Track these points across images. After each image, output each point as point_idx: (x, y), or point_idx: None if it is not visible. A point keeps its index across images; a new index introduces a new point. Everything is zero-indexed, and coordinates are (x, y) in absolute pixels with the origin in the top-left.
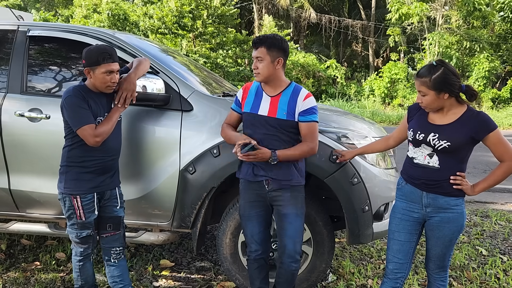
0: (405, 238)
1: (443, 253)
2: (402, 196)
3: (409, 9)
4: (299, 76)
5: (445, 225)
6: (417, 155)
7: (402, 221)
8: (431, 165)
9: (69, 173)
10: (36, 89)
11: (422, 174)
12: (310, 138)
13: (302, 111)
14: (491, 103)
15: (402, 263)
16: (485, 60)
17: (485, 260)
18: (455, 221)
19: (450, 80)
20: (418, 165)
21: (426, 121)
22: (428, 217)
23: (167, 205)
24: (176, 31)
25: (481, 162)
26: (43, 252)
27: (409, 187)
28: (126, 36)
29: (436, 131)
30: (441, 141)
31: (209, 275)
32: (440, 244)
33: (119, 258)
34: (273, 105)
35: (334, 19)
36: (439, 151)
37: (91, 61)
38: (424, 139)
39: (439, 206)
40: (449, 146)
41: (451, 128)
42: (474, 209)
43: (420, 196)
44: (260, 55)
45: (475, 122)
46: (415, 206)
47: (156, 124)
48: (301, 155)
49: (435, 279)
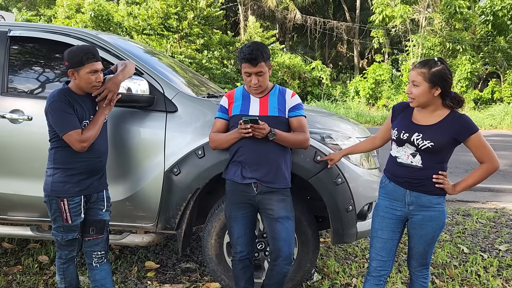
0: (388, 236)
1: (426, 251)
2: (385, 194)
3: (393, 11)
4: (285, 77)
5: (427, 223)
6: (400, 154)
7: (385, 219)
8: (414, 164)
9: (56, 175)
10: (18, 90)
11: (405, 172)
12: (302, 131)
13: (291, 107)
14: (473, 104)
15: (385, 260)
16: (467, 62)
17: (467, 257)
18: (437, 219)
19: (446, 77)
20: (401, 164)
21: (410, 121)
22: (410, 215)
23: (152, 206)
24: (162, 32)
25: (463, 162)
26: (25, 256)
27: (393, 185)
28: (110, 37)
29: (420, 131)
30: (424, 141)
31: (195, 276)
32: (423, 242)
33: (101, 262)
34: (263, 104)
35: (319, 21)
36: (422, 151)
37: (74, 62)
38: (408, 139)
39: (422, 204)
40: (432, 146)
41: (434, 129)
42: (456, 208)
43: (404, 194)
44: (262, 70)
45: (458, 124)
46: (398, 204)
47: (140, 125)
48: (295, 142)
49: (418, 276)
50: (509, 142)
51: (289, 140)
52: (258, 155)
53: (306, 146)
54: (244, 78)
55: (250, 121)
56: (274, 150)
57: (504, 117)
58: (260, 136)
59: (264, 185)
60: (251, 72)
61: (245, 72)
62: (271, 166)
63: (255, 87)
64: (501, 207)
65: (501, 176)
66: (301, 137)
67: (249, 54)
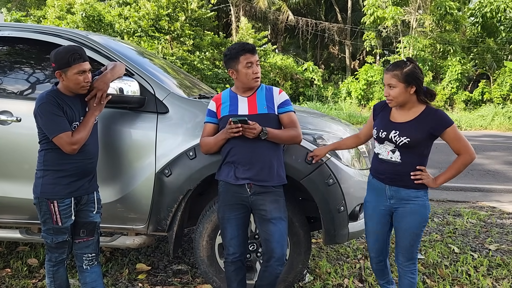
0: (378, 228)
1: (410, 244)
2: (370, 190)
3: (384, 12)
4: (277, 78)
5: (408, 216)
6: (381, 151)
7: (373, 213)
8: (393, 160)
9: (46, 177)
10: (7, 91)
11: (386, 168)
12: (294, 126)
13: (280, 103)
14: (463, 104)
15: (381, 249)
16: (457, 63)
17: (457, 257)
18: (418, 212)
19: (418, 75)
20: (382, 160)
21: (388, 120)
22: (393, 209)
23: (143, 208)
24: (153, 33)
25: None
26: (14, 259)
27: (375, 181)
28: (101, 37)
29: (397, 129)
30: (401, 137)
31: (186, 278)
32: (407, 236)
33: (91, 264)
34: (252, 103)
35: (311, 22)
36: (400, 147)
37: (61, 63)
38: (386, 136)
39: (401, 198)
40: (409, 142)
41: (410, 125)
42: (447, 208)
43: (384, 189)
44: (257, 59)
45: (433, 119)
46: (381, 199)
47: (131, 127)
48: (288, 138)
49: (405, 272)
50: (499, 142)
51: (281, 137)
52: (250, 154)
53: (299, 141)
54: (244, 71)
55: (239, 121)
56: (266, 148)
57: (493, 117)
58: (251, 136)
59: (257, 185)
60: (253, 61)
61: (247, 63)
62: (264, 164)
63: (257, 77)
64: (491, 207)
65: (491, 176)
66: (293, 132)
67: (247, 45)
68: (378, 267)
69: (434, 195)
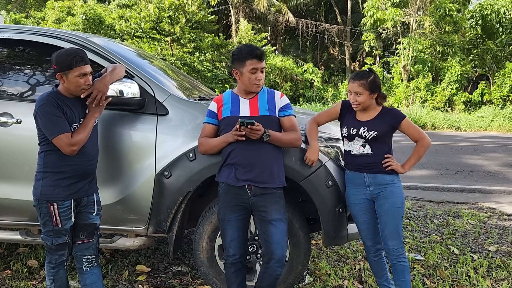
0: (366, 217)
1: (396, 225)
2: (349, 184)
3: (384, 14)
4: (277, 80)
5: (389, 197)
6: (352, 148)
7: (357, 205)
8: (365, 152)
9: (46, 179)
10: (7, 93)
11: (360, 160)
12: (294, 130)
13: (281, 107)
14: (463, 106)
15: (374, 237)
16: (457, 64)
17: (457, 258)
18: (395, 193)
19: (378, 84)
20: (355, 155)
21: (356, 119)
22: (374, 196)
23: (143, 209)
24: (153, 35)
25: (453, 164)
26: (14, 260)
27: (353, 174)
28: (101, 39)
29: (365, 126)
30: (369, 132)
31: (186, 279)
32: (391, 218)
33: (91, 266)
34: (253, 105)
35: (311, 23)
36: (370, 140)
37: (63, 66)
38: (357, 133)
39: (379, 183)
40: (377, 135)
41: (375, 122)
42: (447, 209)
43: (363, 178)
44: (264, 66)
45: (391, 114)
46: (361, 189)
47: (131, 128)
48: (289, 141)
49: (397, 257)
50: (499, 144)
51: (282, 140)
52: (251, 156)
53: (299, 145)
54: (248, 76)
55: (246, 123)
56: (267, 151)
57: (493, 119)
58: (255, 138)
59: (257, 186)
60: (259, 67)
61: (252, 68)
62: (264, 166)
63: (259, 84)
64: (491, 208)
65: (491, 177)
66: (294, 136)
67: (257, 50)
68: (375, 259)
69: (433, 196)
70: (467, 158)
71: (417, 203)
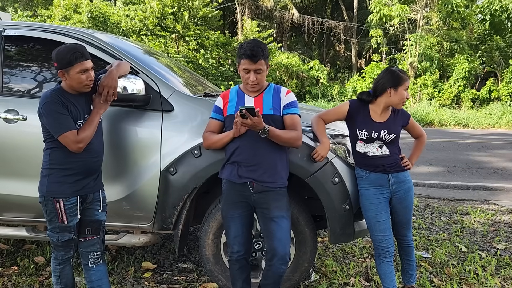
0: (385, 217)
1: (410, 216)
2: (370, 184)
3: (391, 10)
4: (283, 77)
5: (408, 193)
6: (369, 149)
7: (378, 204)
8: (384, 153)
9: (52, 175)
10: (13, 89)
11: (381, 161)
12: (295, 129)
13: (285, 104)
14: (470, 103)
15: (390, 237)
16: (464, 61)
17: (465, 256)
18: (411, 188)
19: None
20: (374, 156)
21: (372, 121)
22: (394, 193)
23: (148, 206)
24: (158, 32)
25: (461, 161)
26: (21, 256)
27: (374, 175)
28: (106, 36)
29: (385, 128)
30: (390, 135)
31: (192, 276)
32: (408, 211)
33: (97, 263)
34: (258, 103)
35: (317, 20)
36: (387, 142)
37: (63, 63)
38: (378, 136)
39: (400, 181)
40: (395, 137)
41: (391, 123)
42: (455, 207)
43: (387, 178)
44: (260, 67)
45: (401, 114)
46: (383, 188)
47: (136, 125)
48: (288, 140)
49: (407, 242)
50: (507, 140)
51: (281, 138)
52: (255, 156)
53: (298, 144)
54: (242, 75)
55: (247, 109)
56: (271, 150)
57: (501, 116)
58: (256, 129)
59: (260, 185)
60: (250, 68)
61: (244, 68)
62: (267, 166)
63: (253, 85)
64: (499, 206)
65: (499, 175)
66: (293, 134)
67: (250, 51)
68: (387, 260)
69: (441, 193)
70: (475, 155)
71: (424, 200)
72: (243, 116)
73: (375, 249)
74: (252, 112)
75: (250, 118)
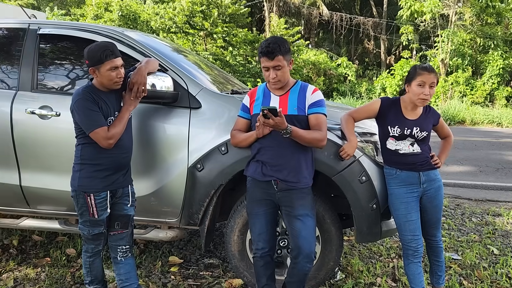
0: (415, 216)
1: (440, 216)
2: (400, 183)
3: (422, 6)
4: (310, 74)
5: (438, 192)
6: (401, 147)
7: (409, 203)
8: (415, 151)
9: (83, 171)
10: (47, 86)
11: (412, 159)
12: (319, 129)
13: (311, 103)
14: (505, 101)
15: (420, 237)
16: (499, 58)
17: (497, 259)
18: (442, 187)
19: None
20: (405, 154)
21: (405, 118)
22: (425, 192)
23: (176, 202)
24: (187, 30)
25: (494, 161)
26: (53, 248)
27: (405, 173)
28: (136, 34)
29: (417, 125)
30: (421, 132)
31: (218, 272)
32: (438, 210)
33: (126, 256)
34: (283, 103)
35: (345, 17)
36: (419, 140)
37: (94, 60)
38: (410, 133)
39: (431, 179)
40: (427, 134)
41: (423, 120)
42: (486, 208)
43: (418, 176)
44: (279, 63)
45: (431, 112)
46: (414, 187)
47: (164, 122)
48: (312, 140)
49: (436, 242)
50: None
51: (304, 138)
52: (279, 156)
53: (322, 145)
54: (264, 73)
55: (269, 109)
56: (295, 151)
57: None
58: (277, 129)
59: (284, 183)
60: (269, 66)
61: (263, 66)
62: (292, 167)
63: (274, 82)
64: None
65: None
66: (316, 135)
67: (266, 48)
68: (416, 261)
69: (472, 194)
70: (508, 154)
71: (454, 200)
72: (265, 116)
73: (404, 249)
74: (274, 112)
75: (272, 118)
